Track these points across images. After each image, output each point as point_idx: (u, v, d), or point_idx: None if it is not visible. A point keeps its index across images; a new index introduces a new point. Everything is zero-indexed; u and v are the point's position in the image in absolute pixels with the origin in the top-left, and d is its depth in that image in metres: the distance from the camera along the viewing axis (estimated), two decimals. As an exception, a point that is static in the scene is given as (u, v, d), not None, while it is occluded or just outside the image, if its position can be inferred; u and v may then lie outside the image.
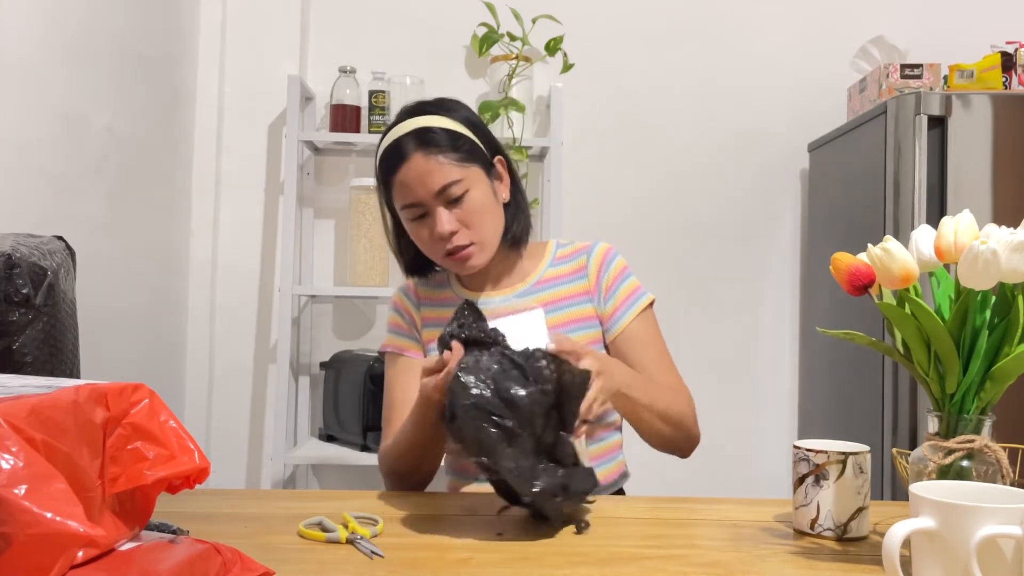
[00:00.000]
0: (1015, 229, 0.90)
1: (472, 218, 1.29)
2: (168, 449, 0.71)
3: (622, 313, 1.37)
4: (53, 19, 1.72)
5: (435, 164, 1.27)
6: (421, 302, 1.44)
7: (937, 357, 0.94)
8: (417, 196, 1.28)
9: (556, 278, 1.41)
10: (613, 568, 0.89)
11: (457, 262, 1.32)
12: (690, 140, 2.67)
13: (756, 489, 2.62)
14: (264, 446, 2.58)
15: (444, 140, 1.29)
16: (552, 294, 1.38)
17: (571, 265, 1.41)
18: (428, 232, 1.30)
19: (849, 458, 1.02)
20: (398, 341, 1.43)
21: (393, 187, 1.31)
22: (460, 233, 1.29)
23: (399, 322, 1.44)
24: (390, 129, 1.34)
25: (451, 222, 1.28)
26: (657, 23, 2.69)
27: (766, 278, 2.70)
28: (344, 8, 2.65)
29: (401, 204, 1.31)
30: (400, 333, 1.44)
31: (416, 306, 1.44)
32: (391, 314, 1.46)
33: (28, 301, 1.12)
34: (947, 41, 2.57)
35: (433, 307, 1.43)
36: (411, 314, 1.44)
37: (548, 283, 1.40)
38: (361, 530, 0.97)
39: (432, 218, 1.29)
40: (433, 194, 1.27)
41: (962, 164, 2.05)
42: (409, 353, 1.41)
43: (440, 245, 1.30)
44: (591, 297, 1.38)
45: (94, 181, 1.92)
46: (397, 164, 1.29)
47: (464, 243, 1.30)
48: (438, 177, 1.27)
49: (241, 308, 2.59)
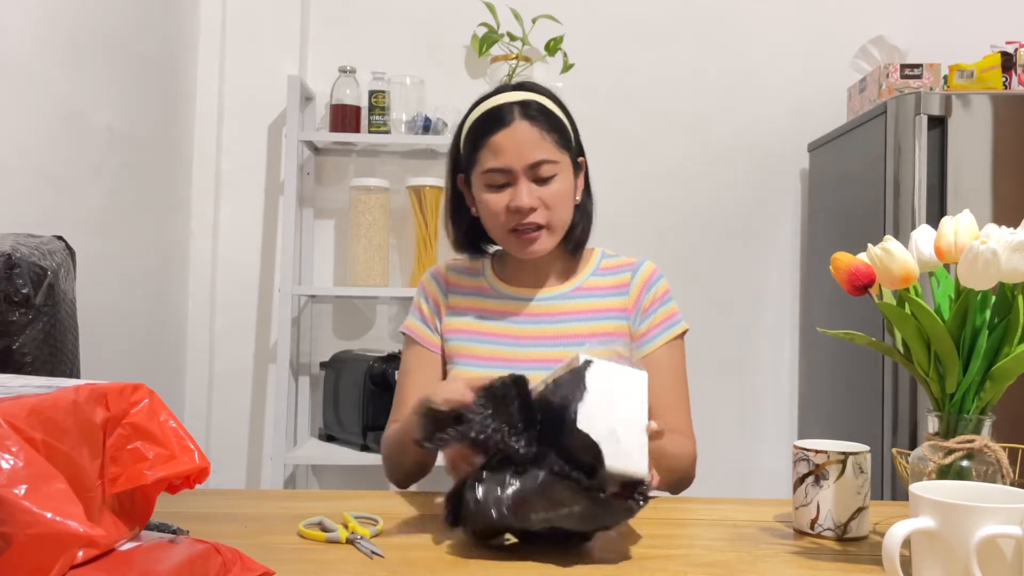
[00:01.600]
0: (1015, 229, 0.90)
1: (552, 202, 1.28)
2: (168, 449, 0.71)
3: (653, 336, 1.35)
4: (53, 19, 1.72)
5: (536, 136, 1.27)
6: (450, 289, 1.42)
7: (937, 357, 0.94)
8: (509, 162, 1.27)
9: (597, 288, 1.38)
10: (613, 568, 0.89)
11: (522, 241, 1.30)
12: (690, 140, 2.67)
13: (756, 489, 2.62)
14: (264, 446, 2.58)
15: (550, 119, 1.30)
16: (590, 304, 1.36)
17: (614, 279, 1.39)
18: (504, 202, 1.28)
19: (849, 458, 1.02)
20: (417, 327, 1.42)
21: (483, 148, 1.29)
22: (537, 212, 1.28)
23: (422, 308, 1.42)
24: (486, 98, 1.34)
25: (532, 198, 1.27)
26: (657, 23, 2.69)
27: (766, 278, 2.70)
28: (344, 8, 2.65)
29: (487, 167, 1.28)
30: (421, 319, 1.42)
31: (444, 292, 1.42)
32: (416, 296, 1.45)
33: (28, 301, 1.12)
34: (947, 41, 2.57)
35: (463, 295, 1.41)
36: (436, 300, 1.42)
37: (588, 292, 1.38)
38: (361, 530, 0.97)
39: (514, 189, 1.28)
40: (526, 165, 1.27)
41: (962, 164, 2.05)
42: (424, 342, 1.40)
43: (511, 219, 1.28)
44: (628, 315, 1.36)
45: (94, 181, 1.92)
46: (497, 127, 1.28)
47: (538, 222, 1.28)
48: (537, 150, 1.27)
49: (241, 308, 2.59)
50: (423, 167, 2.63)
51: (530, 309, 1.37)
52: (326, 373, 2.51)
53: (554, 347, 1.32)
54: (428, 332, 1.40)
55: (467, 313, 1.39)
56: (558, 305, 1.36)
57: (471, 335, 1.36)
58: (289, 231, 2.41)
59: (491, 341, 1.35)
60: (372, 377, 2.32)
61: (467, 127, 1.34)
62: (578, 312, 1.35)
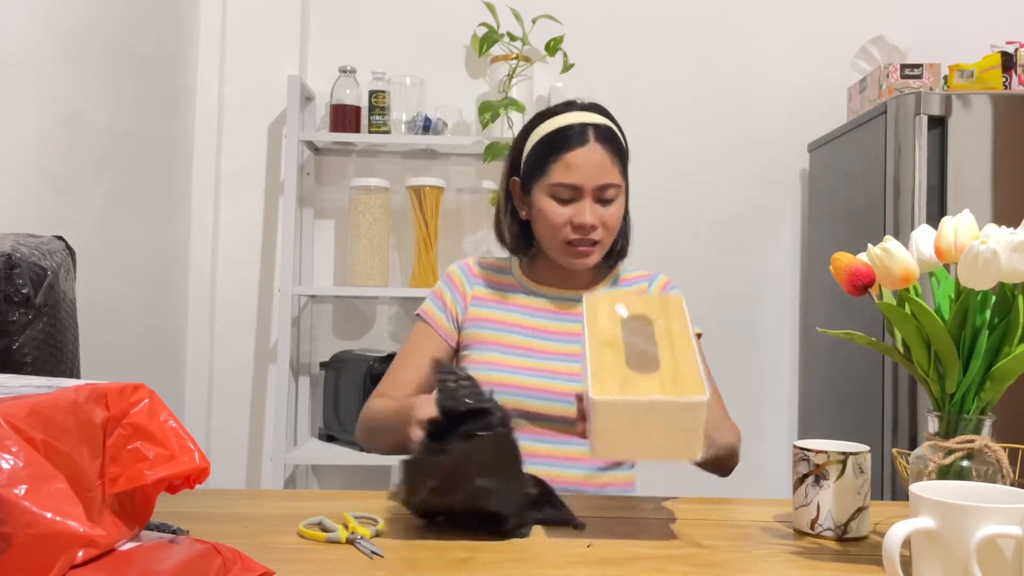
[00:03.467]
0: (1015, 229, 0.90)
1: (610, 223, 1.39)
2: (168, 449, 0.72)
3: None
4: (53, 19, 1.72)
5: (607, 160, 1.37)
6: (476, 281, 1.49)
7: (937, 357, 0.94)
8: (580, 180, 1.35)
9: None
10: (613, 568, 0.89)
11: (576, 254, 1.39)
12: (690, 140, 2.67)
13: (756, 489, 2.61)
14: (264, 446, 2.58)
15: (617, 145, 1.40)
16: None
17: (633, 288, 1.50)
18: (566, 216, 1.37)
19: (849, 458, 1.02)
20: (435, 314, 1.46)
21: (557, 162, 1.36)
22: (597, 231, 1.38)
23: (444, 296, 1.48)
24: (555, 113, 1.41)
25: (595, 217, 1.37)
26: (657, 23, 2.69)
27: (766, 278, 2.70)
28: (344, 8, 2.65)
29: (558, 181, 1.36)
30: (441, 307, 1.47)
31: (470, 283, 1.49)
32: (440, 285, 1.50)
33: (28, 301, 1.12)
34: (947, 41, 2.57)
35: (489, 288, 1.48)
36: (463, 290, 1.48)
37: None
38: (361, 530, 0.97)
39: (578, 205, 1.36)
40: (595, 186, 1.36)
41: (962, 164, 2.05)
42: (439, 329, 1.45)
43: (571, 232, 1.37)
44: None
45: (94, 181, 1.92)
46: (575, 144, 1.36)
47: (594, 239, 1.38)
48: (606, 173, 1.36)
49: (241, 308, 2.59)
50: (423, 167, 2.63)
51: (557, 307, 1.46)
52: (326, 373, 2.51)
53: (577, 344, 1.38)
54: (445, 321, 1.46)
55: (492, 304, 1.46)
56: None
57: (494, 324, 1.43)
58: (289, 231, 2.41)
59: (514, 331, 1.42)
60: (372, 377, 2.32)
61: (539, 137, 1.41)
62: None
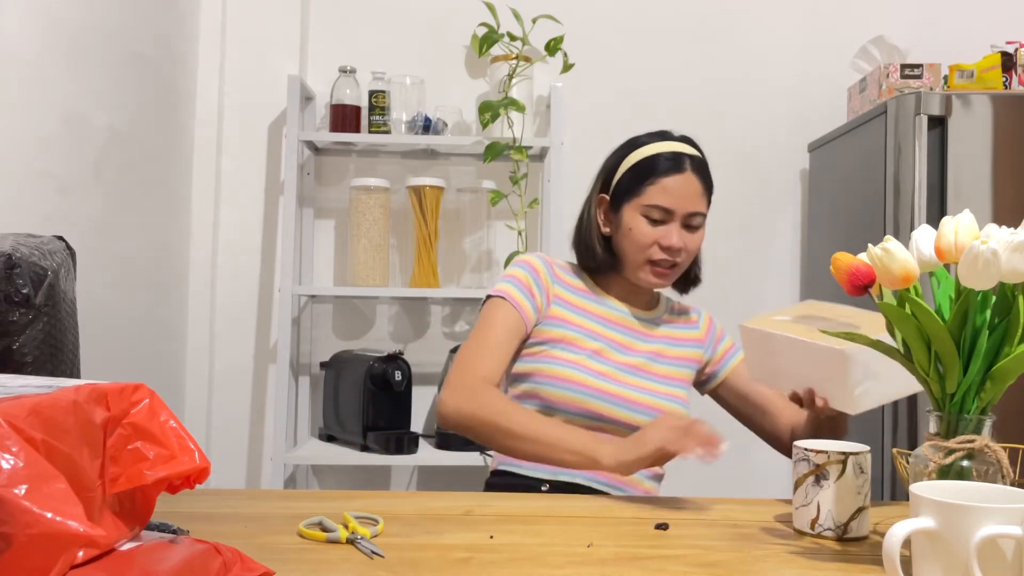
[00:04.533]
0: (1015, 229, 0.90)
1: (693, 248, 1.49)
2: (168, 449, 0.71)
3: (731, 355, 1.61)
4: (53, 19, 1.72)
5: (700, 190, 1.47)
6: (557, 280, 1.53)
7: (937, 357, 0.94)
8: (673, 204, 1.44)
9: (674, 322, 1.60)
10: (613, 568, 0.89)
11: (656, 274, 1.48)
12: (690, 140, 2.67)
13: (756, 489, 2.61)
14: (264, 446, 2.58)
15: (707, 178, 1.50)
16: (672, 332, 1.57)
17: (683, 317, 1.62)
18: (655, 236, 1.45)
19: (849, 458, 1.02)
20: (519, 298, 1.47)
21: (654, 184, 1.45)
22: (680, 253, 1.47)
23: (528, 282, 1.49)
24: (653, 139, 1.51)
25: (681, 241, 1.46)
26: (657, 23, 2.69)
27: (766, 278, 2.70)
28: (344, 8, 2.65)
29: (653, 202, 1.45)
30: (528, 295, 1.48)
31: (553, 280, 1.53)
32: (519, 270, 1.51)
33: (28, 301, 1.12)
34: (947, 41, 2.56)
35: (567, 290, 1.53)
36: (547, 286, 1.51)
37: (668, 323, 1.59)
38: (361, 530, 0.97)
39: (667, 227, 1.45)
40: (686, 213, 1.46)
41: (962, 164, 2.05)
42: (522, 311, 1.47)
43: (657, 252, 1.46)
44: (702, 344, 1.60)
45: (94, 181, 1.92)
46: (673, 170, 1.45)
47: (675, 261, 1.47)
48: (698, 203, 1.47)
49: (241, 308, 2.59)
50: (423, 167, 2.63)
51: (627, 322, 1.54)
52: (326, 373, 2.51)
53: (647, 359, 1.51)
54: (531, 310, 1.48)
55: (572, 306, 1.51)
56: (652, 329, 1.56)
57: (575, 327, 1.49)
58: (289, 231, 2.41)
59: (593, 338, 1.48)
60: (372, 377, 2.32)
61: (636, 160, 1.49)
62: (667, 337, 1.56)
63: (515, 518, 1.09)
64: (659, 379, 1.50)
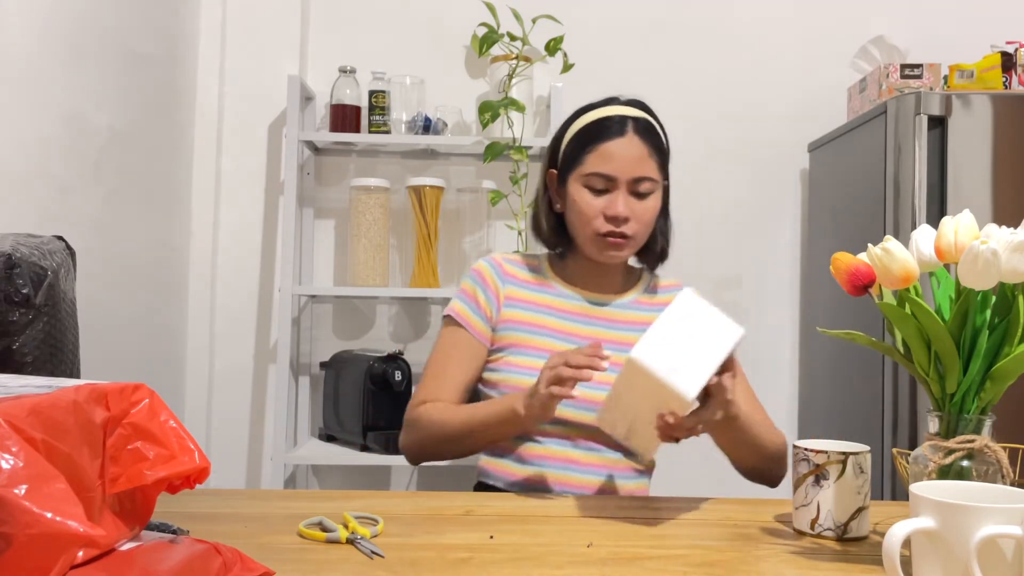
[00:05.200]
0: (1015, 229, 0.90)
1: (644, 217, 1.38)
2: (168, 449, 0.72)
3: None
4: (53, 19, 1.72)
5: (645, 154, 1.36)
6: (507, 279, 1.45)
7: (937, 357, 0.94)
8: (615, 171, 1.35)
9: (651, 304, 1.46)
10: (613, 568, 0.89)
11: (608, 246, 1.37)
12: (690, 140, 2.67)
13: (756, 489, 2.61)
14: (264, 446, 2.58)
15: (656, 140, 1.40)
16: (648, 316, 1.39)
17: (665, 297, 1.48)
18: (600, 206, 1.36)
19: (849, 458, 1.02)
20: (468, 315, 1.42)
21: (593, 152, 1.36)
22: (629, 224, 1.36)
23: (476, 295, 1.44)
24: (595, 107, 1.41)
25: (628, 209, 1.35)
26: (657, 24, 2.69)
27: (766, 278, 2.70)
28: (344, 8, 2.65)
29: (592, 170, 1.36)
30: (474, 308, 1.43)
31: (503, 281, 1.45)
32: (469, 283, 1.45)
33: (28, 301, 1.12)
34: (947, 41, 2.56)
35: (520, 287, 1.45)
36: (495, 289, 1.44)
37: (644, 306, 1.46)
38: (361, 530, 0.97)
39: (612, 196, 1.35)
40: (630, 178, 1.35)
41: (962, 164, 2.05)
42: (472, 330, 1.41)
43: (604, 224, 1.36)
44: None
45: (94, 181, 1.92)
46: (613, 134, 1.36)
47: (626, 233, 1.36)
48: (643, 166, 1.36)
49: (241, 308, 2.59)
50: (423, 167, 2.63)
51: (592, 312, 1.43)
52: (326, 373, 2.51)
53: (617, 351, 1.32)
54: (479, 322, 1.42)
55: (525, 305, 1.43)
56: (623, 313, 1.44)
57: (530, 327, 1.40)
58: (289, 231, 2.41)
59: (553, 336, 1.39)
60: (372, 377, 2.32)
61: (577, 128, 1.40)
62: (637, 323, 1.41)
63: (515, 518, 1.09)
64: None
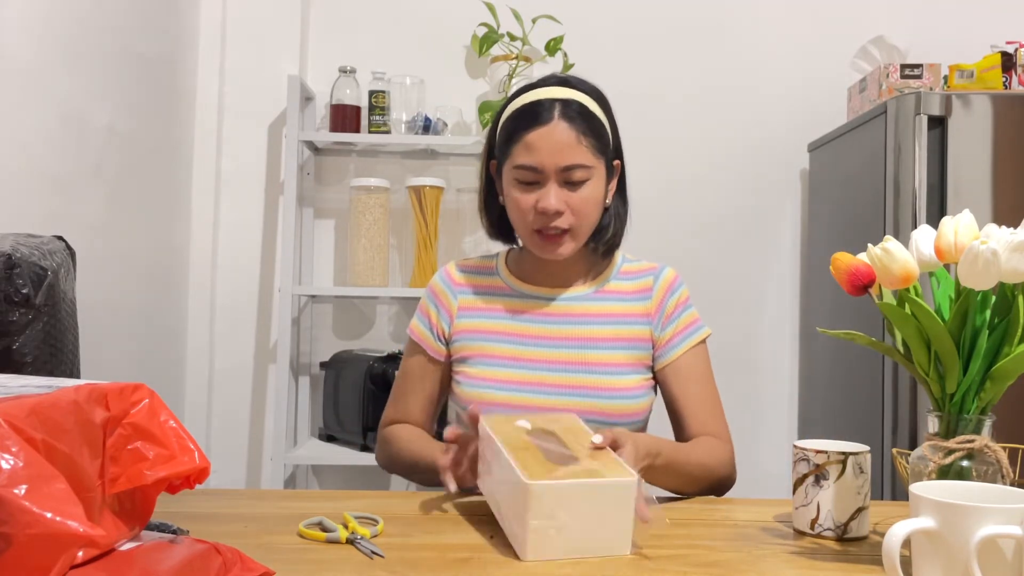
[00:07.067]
0: (1015, 229, 0.90)
1: (580, 208, 1.26)
2: (168, 449, 0.72)
3: (677, 343, 1.33)
4: (53, 19, 1.72)
5: (573, 139, 1.24)
6: (459, 289, 1.38)
7: (937, 357, 0.94)
8: (540, 162, 1.24)
9: (619, 292, 1.37)
10: (613, 568, 0.89)
11: (546, 243, 1.28)
12: (690, 140, 2.67)
13: (756, 489, 2.61)
14: (264, 446, 2.58)
15: (590, 122, 1.26)
16: (613, 307, 1.35)
17: (636, 283, 1.37)
18: (531, 202, 1.26)
19: (849, 458, 1.02)
20: (424, 334, 1.38)
21: (517, 143, 1.25)
22: (563, 217, 1.25)
23: (429, 313, 1.38)
24: (530, 88, 1.30)
25: (560, 202, 1.24)
26: (657, 23, 2.69)
27: (766, 278, 2.70)
28: (344, 8, 2.65)
29: (518, 163, 1.26)
30: (428, 326, 1.38)
31: (453, 294, 1.38)
32: (424, 300, 1.40)
33: (28, 301, 1.12)
34: (947, 41, 2.56)
35: (475, 294, 1.38)
36: (447, 305, 1.37)
37: (610, 295, 1.36)
38: (361, 530, 0.97)
39: (543, 190, 1.25)
40: (558, 168, 1.24)
41: (962, 164, 2.05)
42: (429, 349, 1.37)
43: (536, 219, 1.26)
44: (650, 320, 1.34)
45: (94, 181, 1.92)
46: (534, 123, 1.24)
47: (562, 227, 1.26)
48: (571, 154, 1.24)
49: (241, 308, 2.59)
50: (423, 167, 2.63)
51: (550, 309, 1.34)
52: (326, 373, 2.51)
53: (576, 349, 1.30)
54: (433, 340, 1.37)
55: (480, 313, 1.35)
56: (580, 306, 1.34)
57: (485, 335, 1.33)
58: (289, 231, 2.41)
59: (508, 340, 1.32)
60: (372, 377, 2.32)
61: (505, 116, 1.31)
62: (601, 315, 1.33)
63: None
64: (598, 370, 1.28)
